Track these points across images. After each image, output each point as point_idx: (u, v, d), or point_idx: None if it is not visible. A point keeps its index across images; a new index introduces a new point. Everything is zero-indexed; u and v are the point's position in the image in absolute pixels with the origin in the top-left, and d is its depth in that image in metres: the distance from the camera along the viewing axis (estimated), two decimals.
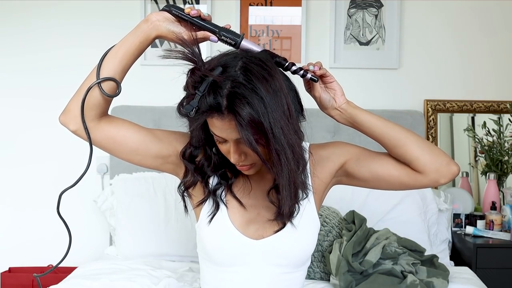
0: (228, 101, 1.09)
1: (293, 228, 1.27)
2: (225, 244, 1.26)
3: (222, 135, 1.15)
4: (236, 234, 1.26)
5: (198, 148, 1.26)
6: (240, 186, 1.30)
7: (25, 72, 2.72)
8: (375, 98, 2.74)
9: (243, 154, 1.17)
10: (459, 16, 2.76)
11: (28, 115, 2.73)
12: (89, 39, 2.70)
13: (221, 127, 1.13)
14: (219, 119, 1.12)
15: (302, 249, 1.29)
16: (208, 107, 1.10)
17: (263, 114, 1.08)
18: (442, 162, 1.26)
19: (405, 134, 1.27)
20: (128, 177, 2.49)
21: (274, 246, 1.27)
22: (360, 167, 1.32)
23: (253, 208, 1.29)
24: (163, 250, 2.32)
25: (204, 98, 1.10)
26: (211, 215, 1.27)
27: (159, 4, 2.70)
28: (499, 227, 2.50)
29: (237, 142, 1.15)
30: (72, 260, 2.64)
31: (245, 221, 1.27)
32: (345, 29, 2.75)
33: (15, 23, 2.71)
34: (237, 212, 1.28)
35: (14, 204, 2.74)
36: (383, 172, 1.30)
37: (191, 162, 1.28)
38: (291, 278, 1.31)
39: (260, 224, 1.28)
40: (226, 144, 1.17)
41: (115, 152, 1.30)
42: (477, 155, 2.78)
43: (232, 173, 1.30)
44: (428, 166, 1.26)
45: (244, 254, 1.27)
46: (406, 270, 1.94)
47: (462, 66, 2.77)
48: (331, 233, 2.12)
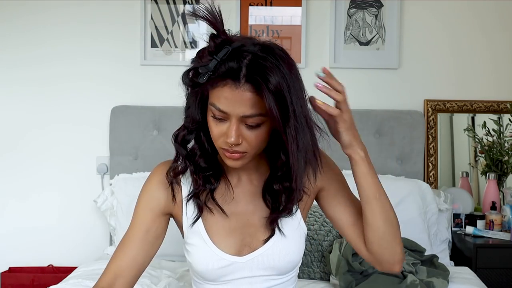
0: (248, 70, 1.03)
1: (281, 237, 1.21)
2: (210, 264, 1.21)
3: (227, 109, 1.06)
4: (220, 255, 1.20)
5: (192, 133, 1.18)
6: (221, 195, 1.22)
7: (25, 71, 2.72)
8: (375, 98, 2.74)
9: (241, 136, 1.08)
10: (459, 16, 2.76)
11: (28, 115, 2.73)
12: (89, 39, 2.70)
13: (231, 98, 1.04)
14: (232, 88, 1.04)
15: (290, 260, 1.23)
16: (225, 71, 1.03)
17: (285, 90, 1.02)
18: (390, 260, 1.20)
19: (382, 218, 1.19)
20: (128, 177, 2.49)
21: (260, 259, 1.21)
22: (329, 205, 1.27)
23: (234, 216, 1.23)
24: (163, 250, 2.30)
25: (222, 63, 1.04)
26: (195, 218, 1.22)
27: (159, 4, 2.70)
28: (499, 227, 2.50)
29: (240, 120, 1.07)
30: (72, 260, 2.64)
31: (224, 234, 1.21)
32: (345, 29, 2.75)
33: (15, 23, 2.71)
34: (219, 221, 1.22)
35: (14, 204, 2.74)
36: (342, 225, 1.25)
37: (183, 147, 1.19)
38: (284, 281, 1.27)
39: (246, 234, 1.22)
40: (224, 123, 1.08)
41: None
42: (477, 155, 2.78)
43: (214, 178, 1.21)
44: (376, 256, 1.20)
45: (230, 271, 1.21)
46: (406, 270, 1.94)
47: (462, 66, 2.77)
48: (331, 233, 2.12)
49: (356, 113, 1.43)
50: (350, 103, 1.21)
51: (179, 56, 2.72)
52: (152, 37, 2.70)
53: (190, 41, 2.72)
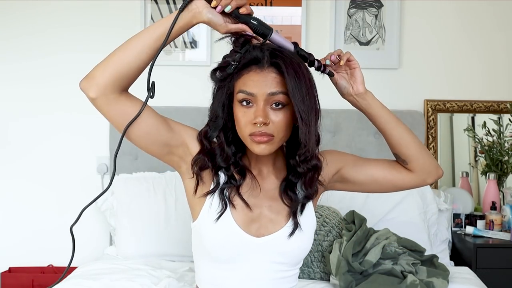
0: (270, 56, 1.21)
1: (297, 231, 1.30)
2: (227, 241, 1.27)
3: (254, 90, 1.20)
4: (238, 231, 1.27)
5: (215, 131, 1.28)
6: (248, 187, 1.31)
7: (25, 71, 2.72)
8: None
9: (267, 118, 1.20)
10: (459, 16, 2.77)
11: (28, 114, 2.73)
12: (89, 39, 2.70)
13: (258, 79, 1.20)
14: (257, 71, 1.21)
15: (302, 249, 1.33)
16: (250, 59, 1.21)
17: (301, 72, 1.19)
18: (434, 165, 1.40)
19: (410, 135, 1.36)
20: (128, 177, 2.49)
21: (275, 243, 1.29)
22: (357, 172, 1.40)
23: (256, 207, 1.31)
24: (163, 250, 2.32)
25: (245, 54, 1.21)
26: (220, 213, 1.27)
27: (159, 4, 2.70)
28: (499, 227, 2.50)
29: (266, 101, 1.20)
30: (72, 260, 2.64)
31: (248, 220, 1.29)
32: (345, 29, 2.74)
33: (14, 23, 2.71)
34: (241, 211, 1.29)
35: (14, 204, 2.74)
36: (378, 175, 1.40)
37: (208, 142, 1.29)
38: (288, 276, 1.34)
39: (262, 223, 1.30)
40: (251, 109, 1.21)
41: (128, 131, 1.26)
42: (477, 155, 2.78)
43: (240, 174, 1.31)
44: (422, 167, 1.37)
45: (245, 251, 1.28)
46: (406, 270, 1.94)
47: (462, 66, 2.77)
48: (331, 233, 2.12)
49: (356, 113, 1.45)
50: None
51: (179, 56, 2.72)
52: None
53: (190, 41, 2.72)
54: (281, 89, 1.20)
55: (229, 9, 1.19)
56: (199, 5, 1.19)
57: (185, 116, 2.50)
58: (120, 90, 1.22)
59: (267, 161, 1.34)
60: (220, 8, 1.19)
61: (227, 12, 1.20)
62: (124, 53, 1.20)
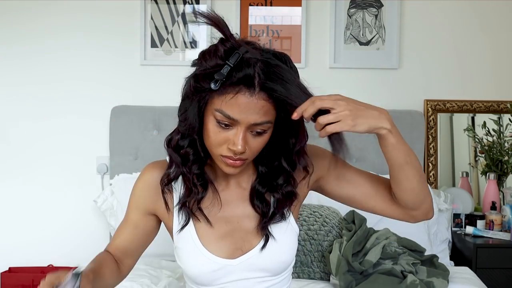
0: (262, 77, 1.02)
1: (271, 241, 1.19)
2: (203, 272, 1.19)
3: (239, 117, 1.04)
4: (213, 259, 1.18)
5: (187, 138, 1.14)
6: (209, 202, 1.20)
7: (26, 71, 2.72)
8: (375, 98, 2.72)
9: (246, 144, 1.07)
10: (459, 16, 2.77)
11: (28, 114, 2.73)
12: (89, 39, 2.70)
13: (245, 106, 1.03)
14: (247, 95, 1.03)
15: (282, 261, 1.21)
16: (240, 78, 1.02)
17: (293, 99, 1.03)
18: (425, 209, 1.20)
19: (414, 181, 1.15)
20: (128, 177, 2.49)
21: (252, 261, 1.19)
22: (337, 186, 1.24)
23: (224, 223, 1.21)
24: (163, 250, 2.31)
25: (235, 70, 1.02)
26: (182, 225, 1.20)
27: (159, 4, 2.70)
28: (499, 227, 2.50)
29: (249, 127, 1.06)
30: (72, 260, 2.64)
31: (214, 238, 1.19)
32: (345, 29, 2.75)
33: (14, 23, 2.71)
34: (205, 228, 1.20)
35: (15, 204, 2.74)
36: (358, 198, 1.24)
37: (176, 153, 1.16)
38: (278, 282, 1.25)
39: (238, 238, 1.20)
40: (228, 130, 1.06)
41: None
42: (477, 155, 2.78)
43: (202, 186, 1.19)
44: (410, 212, 1.20)
45: (223, 274, 1.20)
46: (406, 270, 1.94)
47: (462, 66, 2.77)
48: (331, 233, 2.12)
49: None
50: None
51: (179, 56, 2.72)
52: (152, 37, 2.70)
53: (190, 41, 2.72)
54: (268, 119, 1.06)
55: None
56: None
57: None
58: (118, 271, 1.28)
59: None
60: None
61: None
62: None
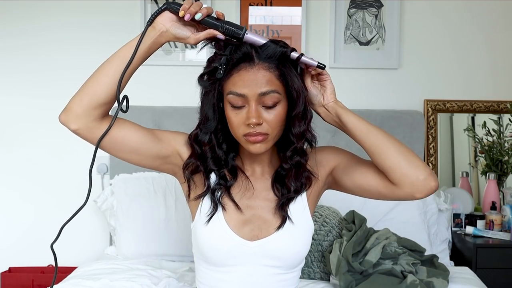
0: (259, 51, 1.18)
1: (290, 226, 1.27)
2: (220, 245, 1.26)
3: (244, 91, 1.17)
4: (231, 234, 1.26)
5: (206, 134, 1.26)
6: (240, 188, 1.30)
7: (25, 70, 2.72)
8: (375, 98, 2.74)
9: (261, 117, 1.18)
10: (459, 16, 2.77)
11: (26, 114, 2.72)
12: (89, 39, 2.70)
13: (247, 78, 1.17)
14: (247, 69, 1.17)
15: (297, 251, 1.29)
16: (239, 57, 1.18)
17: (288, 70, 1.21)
18: (419, 176, 1.21)
19: (385, 142, 1.23)
20: (128, 177, 2.49)
21: (268, 247, 1.27)
22: (344, 175, 1.31)
23: (249, 209, 1.29)
24: (163, 250, 2.32)
25: (232, 54, 1.18)
26: (210, 215, 1.26)
27: (159, 4, 2.70)
28: (499, 227, 2.50)
29: (258, 101, 1.18)
30: (72, 260, 2.64)
31: (240, 222, 1.27)
32: (345, 29, 2.74)
33: (14, 22, 2.71)
34: (233, 214, 1.28)
35: (14, 204, 2.74)
36: (362, 182, 1.29)
37: (198, 145, 1.27)
38: (286, 279, 1.31)
39: (256, 226, 1.28)
40: (242, 110, 1.19)
41: (115, 151, 1.28)
42: (477, 155, 2.78)
43: (232, 175, 1.29)
44: (403, 179, 1.21)
45: (238, 255, 1.27)
46: (406, 270, 1.94)
47: (462, 66, 2.77)
48: (331, 233, 2.12)
49: (356, 113, 1.44)
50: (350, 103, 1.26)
51: (179, 56, 2.72)
52: None
53: None
54: (272, 88, 1.18)
55: (199, 17, 1.15)
56: (164, 22, 1.18)
57: (184, 116, 2.50)
58: (101, 117, 1.22)
59: (262, 160, 1.32)
60: (189, 17, 1.15)
61: (198, 20, 1.16)
62: (98, 80, 1.19)
